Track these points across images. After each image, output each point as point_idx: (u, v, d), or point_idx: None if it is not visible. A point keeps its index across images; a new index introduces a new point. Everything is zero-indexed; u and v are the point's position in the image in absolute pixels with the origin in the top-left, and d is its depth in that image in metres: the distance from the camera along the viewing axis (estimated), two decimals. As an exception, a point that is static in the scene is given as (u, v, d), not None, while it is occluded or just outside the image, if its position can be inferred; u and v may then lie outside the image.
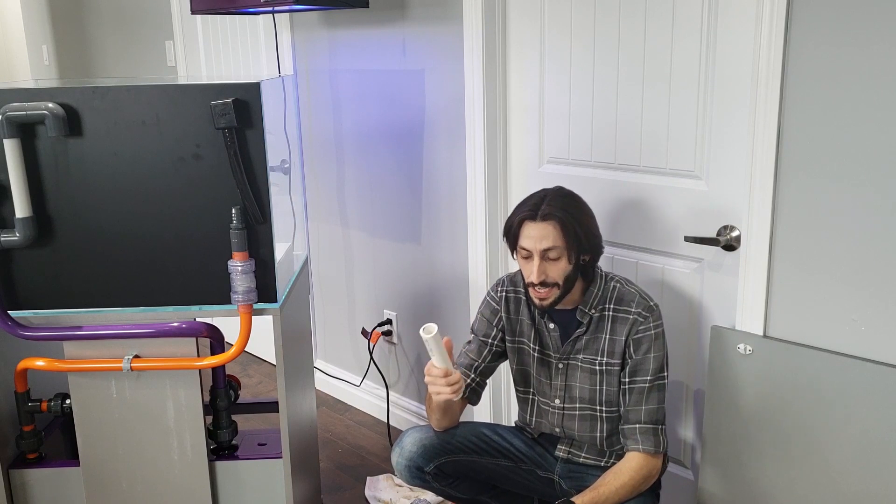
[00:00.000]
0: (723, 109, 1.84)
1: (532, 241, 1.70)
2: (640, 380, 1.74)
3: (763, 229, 1.74)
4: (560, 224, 1.70)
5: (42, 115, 1.65)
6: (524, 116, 2.29)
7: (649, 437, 1.73)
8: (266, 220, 1.74)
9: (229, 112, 1.64)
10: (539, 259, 1.70)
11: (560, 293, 1.73)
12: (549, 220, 1.70)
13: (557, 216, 1.70)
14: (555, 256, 1.70)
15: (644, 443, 1.73)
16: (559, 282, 1.72)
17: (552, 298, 1.73)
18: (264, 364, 3.50)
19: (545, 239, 1.69)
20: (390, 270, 2.82)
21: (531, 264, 1.71)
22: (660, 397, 1.75)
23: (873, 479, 1.64)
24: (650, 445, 1.73)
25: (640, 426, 1.74)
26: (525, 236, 1.72)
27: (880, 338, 1.61)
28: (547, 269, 1.71)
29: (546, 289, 1.72)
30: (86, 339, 1.80)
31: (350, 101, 2.79)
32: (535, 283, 1.71)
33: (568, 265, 1.72)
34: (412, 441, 1.89)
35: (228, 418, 1.97)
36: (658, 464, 1.75)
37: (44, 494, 1.92)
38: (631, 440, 1.74)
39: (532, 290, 1.74)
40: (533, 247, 1.70)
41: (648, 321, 1.74)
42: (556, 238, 1.69)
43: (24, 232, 1.71)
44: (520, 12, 2.23)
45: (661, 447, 1.73)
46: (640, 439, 1.73)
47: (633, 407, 1.75)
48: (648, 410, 1.74)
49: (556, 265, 1.71)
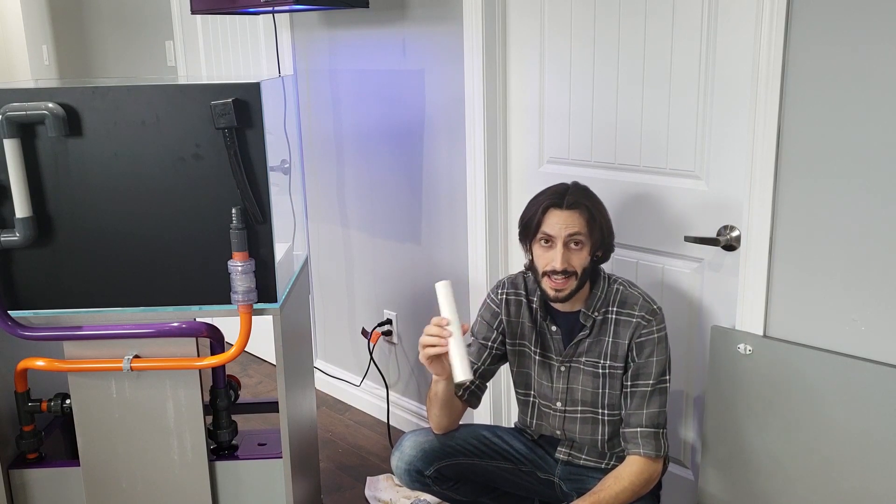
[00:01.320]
0: (723, 109, 1.84)
1: (558, 227, 1.69)
2: (642, 383, 1.74)
3: (763, 229, 1.74)
4: (587, 213, 1.70)
5: (42, 115, 1.65)
6: (524, 116, 2.29)
7: (650, 441, 1.73)
8: (266, 220, 1.74)
9: (229, 112, 1.64)
10: (563, 247, 1.69)
11: (576, 286, 1.72)
12: (575, 209, 1.70)
13: (585, 205, 1.71)
14: (578, 245, 1.70)
15: (645, 447, 1.72)
16: (578, 271, 1.70)
17: (569, 290, 1.71)
18: (264, 364, 3.50)
19: (571, 226, 1.69)
20: (390, 270, 2.82)
21: (552, 252, 1.70)
22: (661, 401, 1.74)
23: (873, 479, 1.64)
24: (651, 449, 1.72)
25: (642, 430, 1.73)
26: (550, 223, 1.70)
27: (880, 338, 1.61)
28: (570, 257, 1.69)
29: (565, 278, 1.70)
30: (86, 339, 1.80)
31: (350, 101, 2.79)
32: (557, 271, 1.69)
33: (587, 256, 1.71)
34: (412, 445, 1.88)
35: (228, 418, 1.97)
36: (658, 468, 1.75)
37: (44, 494, 1.92)
38: (632, 444, 1.74)
39: (548, 279, 1.72)
40: (558, 233, 1.69)
41: (652, 325, 1.74)
42: (582, 226, 1.69)
43: (24, 232, 1.71)
44: (520, 12, 2.23)
45: (661, 451, 1.73)
46: (641, 443, 1.73)
47: (635, 411, 1.74)
48: (650, 414, 1.73)
49: (579, 254, 1.70)
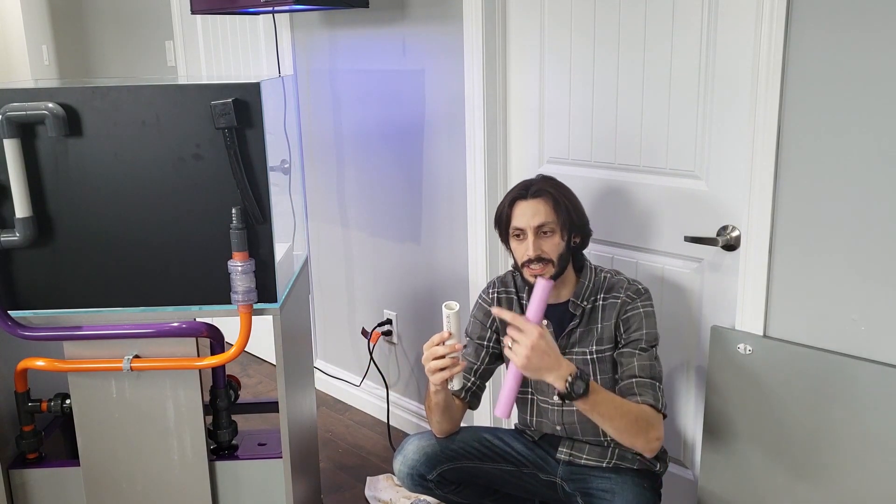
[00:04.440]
0: (723, 109, 1.84)
1: (525, 217, 1.73)
2: (631, 344, 1.74)
3: (763, 229, 1.74)
4: (552, 199, 1.74)
5: (42, 115, 1.65)
6: (524, 116, 2.29)
7: (647, 390, 1.69)
8: (266, 220, 1.74)
9: (229, 112, 1.64)
10: (533, 236, 1.72)
11: (555, 271, 1.74)
12: (540, 197, 1.74)
13: (548, 191, 1.75)
14: (548, 232, 1.73)
15: (642, 394, 1.68)
16: (553, 258, 1.73)
17: (548, 275, 1.72)
18: (264, 364, 3.50)
19: (537, 215, 1.73)
20: (390, 270, 2.82)
21: (525, 243, 1.74)
22: (652, 355, 1.73)
23: (873, 479, 1.64)
24: (649, 398, 1.68)
25: (637, 379, 1.70)
26: (517, 215, 1.74)
27: (880, 338, 1.61)
28: (542, 244, 1.73)
29: (541, 264, 1.72)
30: (86, 339, 1.80)
31: (350, 101, 2.79)
32: (532, 259, 1.72)
33: (561, 241, 1.74)
34: (414, 448, 1.88)
35: (228, 418, 1.97)
36: (659, 421, 1.69)
37: (44, 494, 1.92)
38: (629, 395, 1.70)
39: (526, 268, 1.75)
40: (526, 224, 1.73)
41: (636, 301, 1.76)
42: (548, 213, 1.73)
43: (24, 232, 1.71)
44: (520, 12, 2.23)
45: (659, 402, 1.69)
46: (637, 391, 1.69)
47: (627, 366, 1.73)
48: (642, 366, 1.71)
49: (551, 241, 1.73)
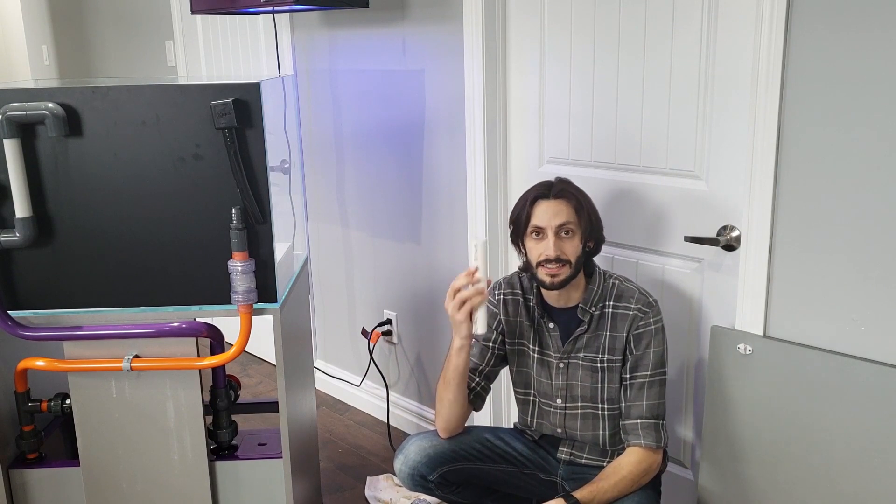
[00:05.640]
0: (723, 109, 1.84)
1: (547, 217, 1.73)
2: (640, 375, 1.75)
3: (763, 229, 1.74)
4: (574, 202, 1.75)
5: (42, 115, 1.65)
6: (524, 116, 2.29)
7: (650, 433, 1.74)
8: (266, 220, 1.74)
9: (229, 112, 1.64)
10: (554, 236, 1.72)
11: (571, 273, 1.74)
12: (562, 198, 1.74)
13: (571, 194, 1.76)
14: (569, 233, 1.73)
15: (645, 437, 1.74)
16: (572, 259, 1.73)
17: (563, 276, 1.74)
18: (264, 364, 3.50)
19: (559, 214, 1.73)
20: (390, 270, 2.82)
21: (544, 242, 1.73)
22: (660, 392, 1.76)
23: (873, 479, 1.64)
24: (651, 440, 1.74)
25: (641, 421, 1.75)
26: (539, 214, 1.74)
27: (880, 338, 1.61)
28: (562, 245, 1.73)
29: (559, 265, 1.72)
30: (86, 339, 1.80)
31: (350, 101, 2.79)
32: (551, 258, 1.72)
33: (579, 245, 1.75)
34: (416, 449, 1.87)
35: (228, 418, 1.97)
36: (658, 459, 1.76)
37: (44, 494, 1.92)
38: (632, 435, 1.75)
39: (543, 268, 1.74)
40: (548, 223, 1.72)
41: (648, 316, 1.76)
42: (569, 214, 1.74)
43: (24, 232, 1.71)
44: (520, 12, 2.23)
45: (661, 442, 1.74)
46: (641, 434, 1.74)
47: (634, 402, 1.76)
48: (649, 406, 1.75)
49: (570, 242, 1.74)
